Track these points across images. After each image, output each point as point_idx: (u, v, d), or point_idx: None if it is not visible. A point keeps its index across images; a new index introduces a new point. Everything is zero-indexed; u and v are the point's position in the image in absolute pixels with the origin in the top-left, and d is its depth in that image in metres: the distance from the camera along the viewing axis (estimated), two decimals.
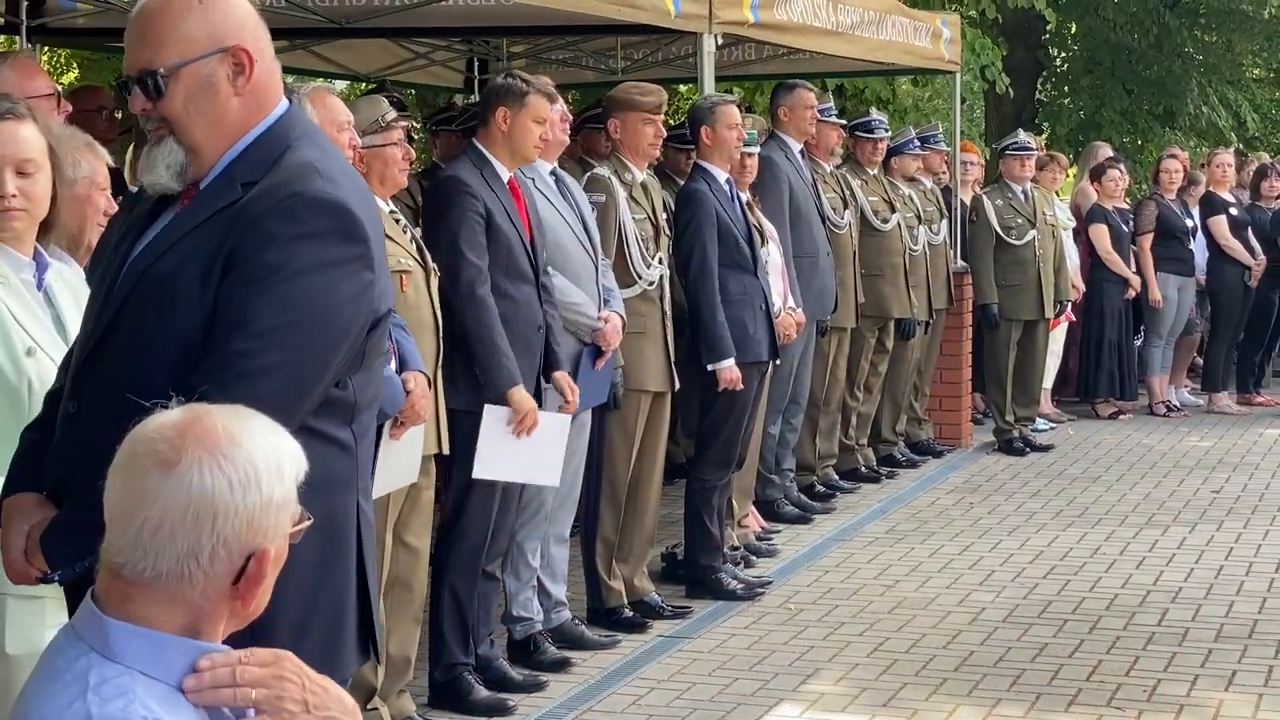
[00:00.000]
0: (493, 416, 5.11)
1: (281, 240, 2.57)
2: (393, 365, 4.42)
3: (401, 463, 4.59)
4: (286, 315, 2.57)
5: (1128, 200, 11.94)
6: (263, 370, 2.55)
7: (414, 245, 4.97)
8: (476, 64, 10.35)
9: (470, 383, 5.13)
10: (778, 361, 7.01)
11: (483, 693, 5.30)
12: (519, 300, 5.25)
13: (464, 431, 5.08)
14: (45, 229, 3.26)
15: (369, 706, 4.83)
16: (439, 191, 5.31)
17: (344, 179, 2.71)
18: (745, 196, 7.02)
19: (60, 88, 5.11)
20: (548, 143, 5.59)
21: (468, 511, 5.25)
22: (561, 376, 5.38)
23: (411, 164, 5.27)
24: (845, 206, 8.62)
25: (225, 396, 2.16)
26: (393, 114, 4.91)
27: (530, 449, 5.16)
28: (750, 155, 7.19)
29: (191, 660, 1.91)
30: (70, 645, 1.92)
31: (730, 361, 6.47)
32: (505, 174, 5.32)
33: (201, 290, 2.57)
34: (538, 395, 5.26)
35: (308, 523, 2.01)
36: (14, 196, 3.14)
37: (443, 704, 5.29)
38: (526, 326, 5.25)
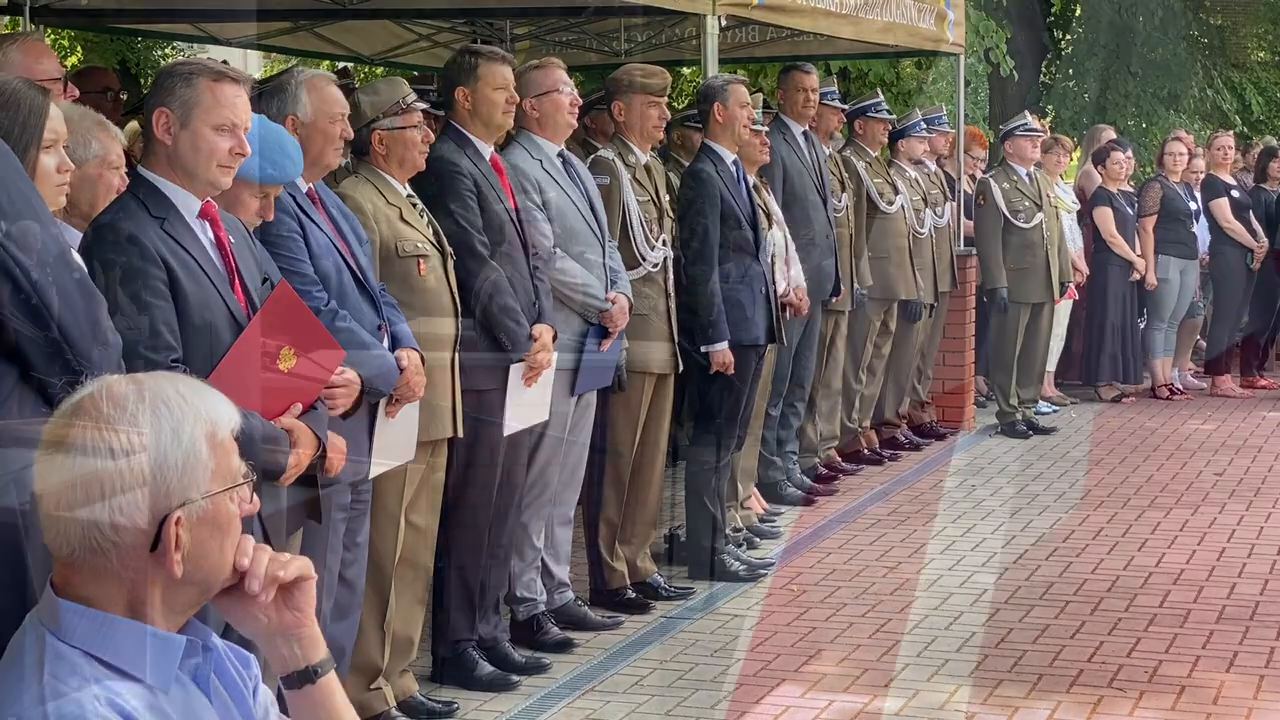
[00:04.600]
0: (516, 373, 5.21)
1: None
2: (385, 343, 4.44)
3: (398, 441, 4.60)
4: None
5: (1132, 183, 11.93)
6: None
7: (430, 229, 4.97)
8: None
9: (489, 356, 5.17)
10: (775, 345, 7.01)
11: (487, 668, 5.32)
12: (512, 277, 5.28)
13: (473, 405, 5.10)
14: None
15: (373, 685, 4.85)
16: (431, 173, 5.26)
17: None
18: (753, 179, 7.02)
19: (65, 69, 5.13)
20: (540, 117, 5.62)
21: (472, 489, 5.26)
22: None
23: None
24: (844, 190, 8.61)
25: None
26: (412, 96, 4.91)
27: (533, 394, 5.32)
28: (761, 133, 7.17)
29: (143, 642, 1.88)
30: (32, 629, 1.93)
31: (724, 344, 6.46)
32: (487, 151, 5.34)
33: None
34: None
35: (250, 480, 1.97)
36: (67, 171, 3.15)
37: (447, 680, 5.32)
38: (522, 303, 5.27)
